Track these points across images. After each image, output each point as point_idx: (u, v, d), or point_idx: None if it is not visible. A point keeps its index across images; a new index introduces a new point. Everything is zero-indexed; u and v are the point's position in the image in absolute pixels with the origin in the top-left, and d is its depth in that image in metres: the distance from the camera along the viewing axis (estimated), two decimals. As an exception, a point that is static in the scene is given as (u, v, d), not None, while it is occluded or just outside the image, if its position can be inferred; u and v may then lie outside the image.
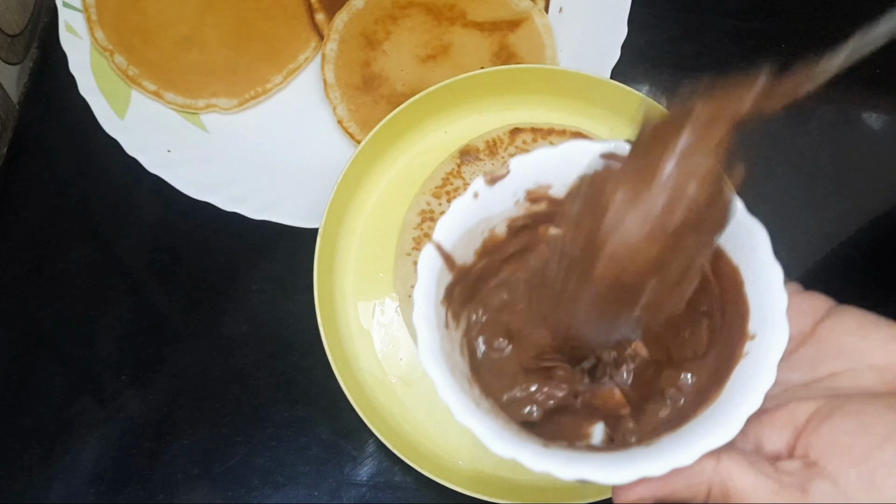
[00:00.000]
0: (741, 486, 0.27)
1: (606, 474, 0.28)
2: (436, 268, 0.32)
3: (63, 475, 0.49)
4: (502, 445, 0.28)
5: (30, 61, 0.61)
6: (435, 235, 0.32)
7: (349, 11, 0.59)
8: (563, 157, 0.33)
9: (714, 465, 0.27)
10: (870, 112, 0.61)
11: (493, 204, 0.33)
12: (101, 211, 0.56)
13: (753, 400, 0.28)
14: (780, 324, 0.29)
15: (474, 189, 0.32)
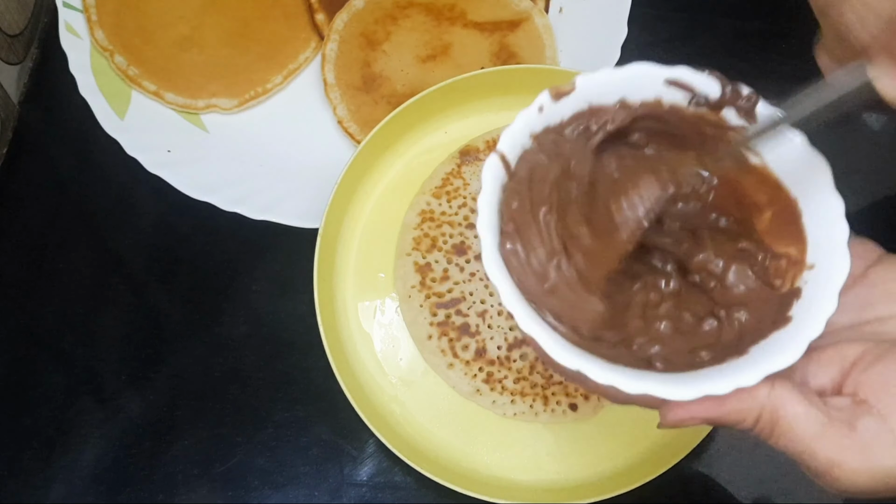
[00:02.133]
0: (792, 414, 0.27)
1: (670, 390, 0.28)
2: (499, 177, 0.32)
3: (63, 475, 0.49)
4: (567, 355, 0.28)
5: (30, 61, 0.61)
6: (499, 145, 0.32)
7: (349, 11, 0.59)
8: (627, 78, 0.33)
9: (768, 390, 0.28)
10: (870, 112, 0.61)
11: (557, 117, 0.33)
12: (101, 211, 0.56)
13: (815, 326, 0.28)
14: (842, 253, 0.29)
15: (540, 102, 0.33)
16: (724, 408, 0.28)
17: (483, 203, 0.31)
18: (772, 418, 0.28)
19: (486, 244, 0.31)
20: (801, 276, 0.31)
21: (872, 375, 0.28)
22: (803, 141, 0.31)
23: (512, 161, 0.32)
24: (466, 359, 0.49)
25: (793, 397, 0.28)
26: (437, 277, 0.50)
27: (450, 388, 0.49)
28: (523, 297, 0.31)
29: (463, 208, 0.52)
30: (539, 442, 0.48)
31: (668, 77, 0.32)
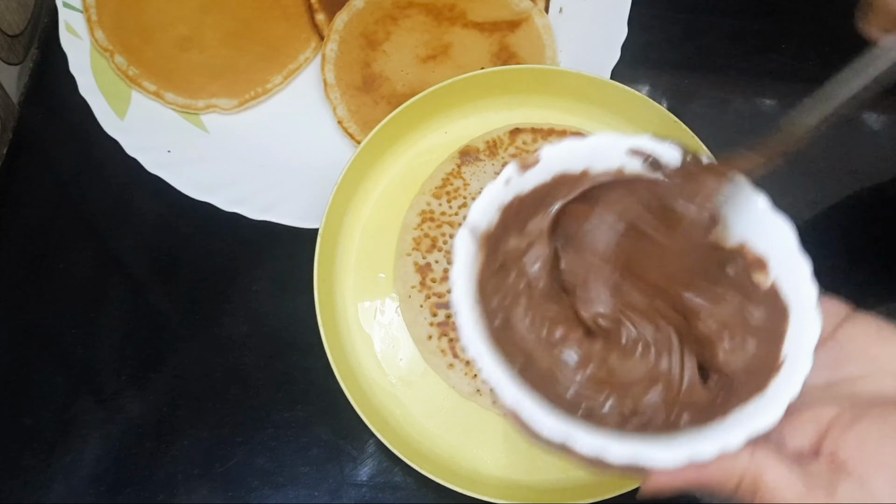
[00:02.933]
0: (773, 480, 0.27)
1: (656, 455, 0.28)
2: (470, 251, 0.32)
3: (63, 475, 0.49)
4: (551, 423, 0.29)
5: (30, 61, 0.61)
6: (469, 218, 0.33)
7: (349, 12, 0.59)
8: (592, 148, 0.34)
9: (749, 454, 0.28)
10: (870, 112, 0.61)
11: (523, 188, 0.34)
12: (101, 211, 0.56)
13: (793, 387, 0.28)
14: (813, 314, 0.29)
15: (506, 176, 0.33)
16: (706, 473, 0.28)
17: (456, 276, 0.32)
18: (753, 483, 0.28)
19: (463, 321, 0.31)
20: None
21: (849, 438, 0.28)
22: (766, 205, 0.32)
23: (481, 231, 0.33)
24: (466, 359, 0.49)
25: (774, 463, 0.28)
26: (437, 278, 0.50)
27: (450, 388, 0.49)
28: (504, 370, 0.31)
29: (463, 208, 0.52)
30: (539, 442, 0.48)
31: (631, 146, 0.33)
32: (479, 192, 0.51)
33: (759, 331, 0.32)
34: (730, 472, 0.28)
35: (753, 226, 0.32)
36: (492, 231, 0.33)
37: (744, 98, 0.60)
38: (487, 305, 0.33)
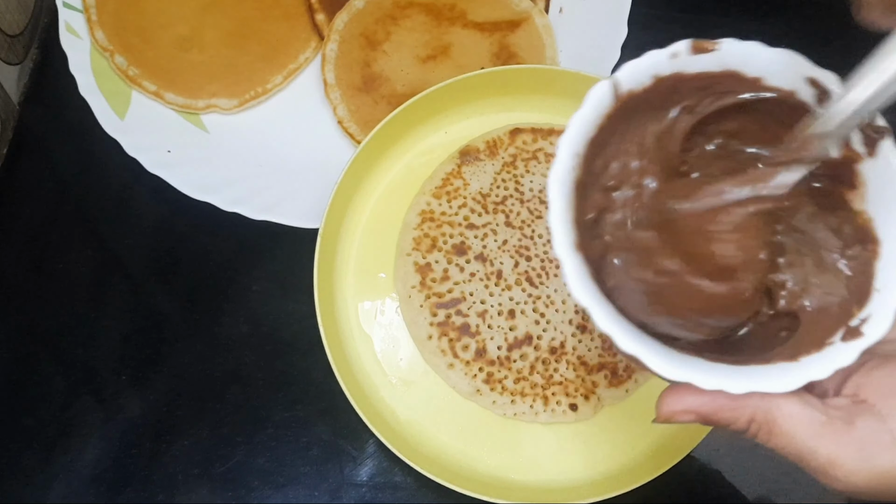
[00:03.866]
0: (788, 414, 0.27)
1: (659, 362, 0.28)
2: (604, 104, 0.31)
3: (63, 475, 0.49)
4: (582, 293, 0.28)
5: (30, 61, 0.61)
6: (617, 74, 0.31)
7: (349, 12, 0.59)
8: (774, 60, 0.31)
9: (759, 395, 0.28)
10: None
11: (688, 68, 0.32)
12: (101, 211, 0.56)
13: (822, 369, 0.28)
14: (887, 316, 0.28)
15: (674, 49, 0.31)
16: (717, 405, 0.28)
17: (575, 118, 0.30)
18: (766, 419, 0.28)
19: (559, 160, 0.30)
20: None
21: (874, 378, 0.28)
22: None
23: (623, 91, 0.31)
24: (466, 359, 0.49)
25: (787, 396, 0.28)
26: (438, 277, 0.50)
27: (450, 388, 0.49)
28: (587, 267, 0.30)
29: (463, 208, 0.52)
30: (539, 442, 0.48)
31: (812, 75, 0.31)
32: (480, 191, 0.52)
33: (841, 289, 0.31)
34: (739, 406, 0.28)
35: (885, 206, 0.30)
36: (637, 93, 0.31)
37: None
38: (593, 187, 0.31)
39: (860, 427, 0.27)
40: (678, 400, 0.28)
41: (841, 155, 0.29)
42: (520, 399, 0.48)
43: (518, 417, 0.48)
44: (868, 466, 0.27)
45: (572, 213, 0.30)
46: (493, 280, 0.50)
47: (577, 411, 0.48)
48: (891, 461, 0.27)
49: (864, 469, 0.27)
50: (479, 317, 0.50)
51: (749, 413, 0.28)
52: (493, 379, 0.48)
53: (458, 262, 0.51)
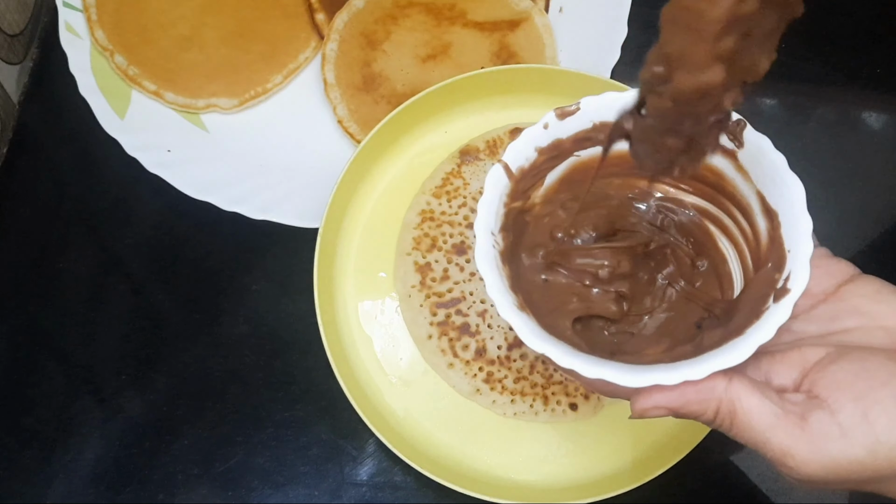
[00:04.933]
0: (748, 406, 0.29)
1: (625, 377, 0.30)
2: (501, 184, 0.35)
3: (63, 475, 0.49)
4: (536, 341, 0.32)
5: (30, 61, 0.61)
6: (504, 156, 0.35)
7: (349, 11, 0.59)
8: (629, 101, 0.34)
9: (725, 384, 0.30)
10: (870, 112, 0.61)
11: (563, 133, 0.36)
12: (101, 211, 0.56)
13: (766, 331, 0.30)
14: (803, 268, 0.31)
15: (545, 120, 0.36)
16: (684, 398, 0.30)
17: (483, 203, 0.34)
18: (729, 410, 0.30)
19: (479, 243, 0.34)
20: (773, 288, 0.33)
21: (827, 374, 0.30)
22: (784, 163, 0.33)
23: (514, 170, 0.35)
24: (466, 358, 0.49)
25: (748, 390, 0.30)
26: (437, 277, 0.50)
27: (450, 388, 0.49)
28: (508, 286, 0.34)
29: (463, 208, 0.52)
30: (539, 442, 0.48)
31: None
32: (480, 191, 0.52)
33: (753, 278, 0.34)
34: (707, 398, 0.30)
35: (770, 181, 0.34)
36: (526, 169, 0.36)
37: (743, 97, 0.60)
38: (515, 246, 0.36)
39: (812, 421, 0.29)
40: (649, 398, 0.31)
41: None
42: (520, 398, 0.48)
43: (518, 417, 0.48)
44: (818, 458, 0.28)
45: (507, 281, 0.34)
46: (493, 280, 0.50)
47: (577, 411, 0.48)
48: (839, 452, 0.28)
49: (814, 460, 0.28)
50: (478, 316, 0.50)
51: (714, 405, 0.30)
52: (493, 378, 0.48)
53: (458, 261, 0.51)
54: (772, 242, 0.33)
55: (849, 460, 0.28)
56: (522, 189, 0.36)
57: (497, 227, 0.35)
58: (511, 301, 0.33)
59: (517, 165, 0.36)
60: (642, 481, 0.45)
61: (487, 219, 0.34)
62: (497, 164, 0.35)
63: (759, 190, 0.34)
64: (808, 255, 0.31)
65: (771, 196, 0.34)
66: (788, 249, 0.32)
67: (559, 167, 0.37)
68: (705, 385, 0.30)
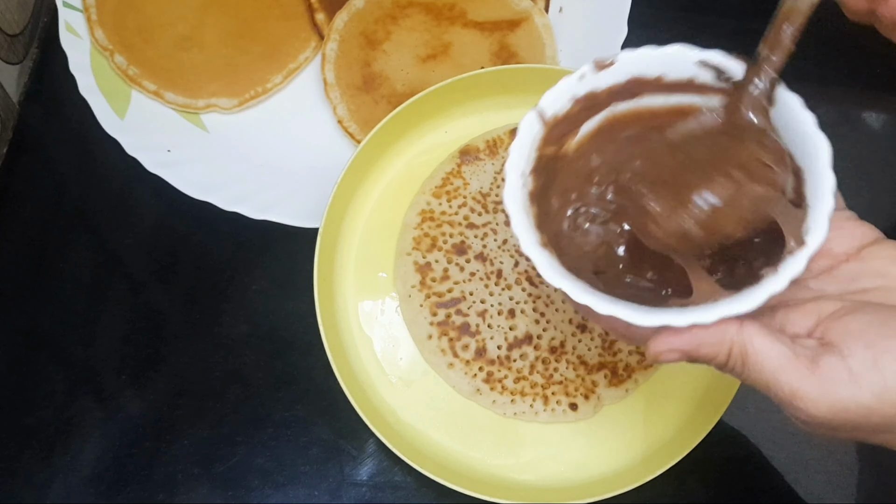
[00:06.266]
0: (759, 346, 0.30)
1: (635, 316, 0.31)
2: (534, 130, 0.35)
3: (63, 475, 0.49)
4: (554, 276, 0.32)
5: (30, 61, 0.61)
6: (538, 104, 0.35)
7: (349, 11, 0.59)
8: (667, 56, 0.36)
9: (737, 328, 0.30)
10: (870, 112, 0.61)
11: (598, 85, 0.36)
12: (101, 211, 0.56)
13: (779, 282, 0.30)
14: (822, 224, 0.31)
15: (582, 72, 0.36)
16: (697, 341, 0.31)
17: (514, 147, 0.35)
18: (741, 352, 0.30)
19: (509, 183, 0.34)
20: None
21: (840, 323, 0.30)
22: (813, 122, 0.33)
23: (547, 117, 0.36)
24: (466, 358, 0.49)
25: (760, 332, 0.30)
26: (437, 277, 0.50)
27: (450, 388, 0.49)
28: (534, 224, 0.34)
29: (463, 208, 0.52)
30: (539, 442, 0.48)
31: (701, 58, 0.35)
32: (480, 191, 0.52)
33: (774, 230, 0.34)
34: (719, 341, 0.30)
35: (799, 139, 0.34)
36: (560, 117, 0.36)
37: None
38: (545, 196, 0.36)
39: (823, 364, 0.29)
40: (663, 341, 0.31)
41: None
42: (520, 398, 0.48)
43: (518, 417, 0.48)
44: (827, 400, 0.29)
45: (532, 220, 0.34)
46: (493, 279, 0.50)
47: (577, 411, 0.48)
48: (847, 395, 0.29)
49: (823, 403, 0.29)
50: (479, 316, 0.50)
51: (727, 348, 0.30)
52: (493, 378, 0.48)
53: (458, 261, 0.51)
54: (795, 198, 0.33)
55: (857, 404, 0.28)
56: (556, 136, 0.36)
57: (528, 169, 0.35)
58: (535, 238, 0.33)
59: (551, 113, 0.36)
60: (642, 481, 0.45)
61: (518, 161, 0.35)
62: (532, 111, 0.35)
63: (786, 148, 0.34)
64: (829, 211, 0.31)
65: (798, 154, 0.34)
66: (809, 205, 0.32)
67: (594, 118, 0.37)
68: (717, 328, 0.30)
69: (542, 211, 0.36)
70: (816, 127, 0.33)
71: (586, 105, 0.36)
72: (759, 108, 0.34)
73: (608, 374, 0.49)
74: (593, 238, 0.37)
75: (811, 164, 0.33)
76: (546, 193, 0.36)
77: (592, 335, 0.49)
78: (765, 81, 0.34)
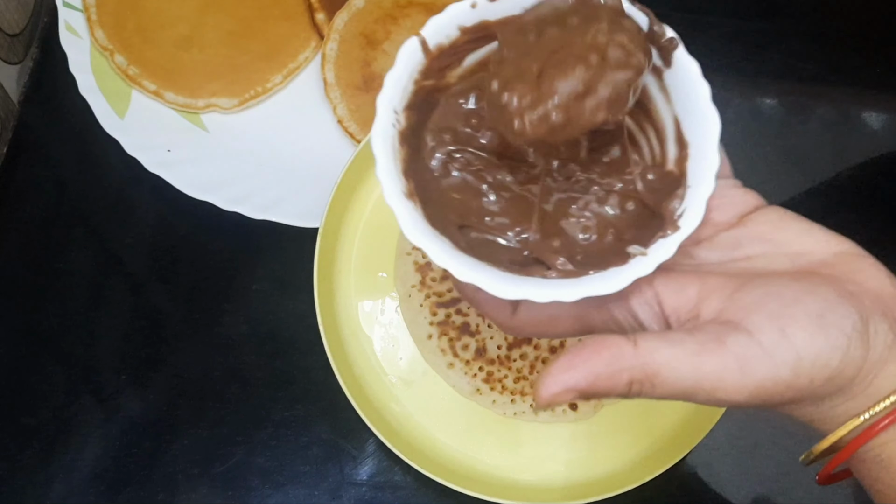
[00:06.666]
0: (664, 359, 0.28)
1: (497, 286, 0.29)
2: (414, 60, 0.32)
3: (63, 475, 0.49)
4: (415, 232, 0.30)
5: (30, 61, 0.61)
6: (422, 30, 0.32)
7: (349, 11, 0.59)
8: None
9: (632, 351, 0.28)
10: (870, 112, 0.61)
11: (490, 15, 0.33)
12: (101, 211, 0.56)
13: (646, 266, 0.29)
14: (699, 208, 0.30)
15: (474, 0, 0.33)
16: (591, 378, 0.28)
17: (390, 78, 0.32)
18: (645, 374, 0.28)
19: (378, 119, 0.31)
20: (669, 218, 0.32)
21: (734, 301, 0.29)
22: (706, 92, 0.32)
23: (431, 46, 0.33)
24: (466, 358, 0.49)
25: (658, 345, 0.28)
26: (437, 277, 0.50)
27: (450, 388, 0.49)
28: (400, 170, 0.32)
29: (463, 208, 0.52)
30: (539, 441, 0.48)
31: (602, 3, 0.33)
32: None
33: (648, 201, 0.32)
34: (618, 372, 0.28)
35: (691, 109, 0.32)
36: (445, 47, 0.33)
37: (743, 97, 0.60)
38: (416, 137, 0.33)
39: (731, 344, 0.27)
40: (554, 382, 0.29)
41: None
42: (520, 398, 0.48)
43: (518, 417, 0.48)
44: (749, 382, 0.27)
45: (400, 165, 0.32)
46: (493, 280, 0.50)
47: (577, 411, 0.48)
48: (765, 374, 0.27)
49: (746, 385, 0.27)
50: (478, 316, 0.50)
51: (626, 376, 0.28)
52: (493, 378, 0.48)
53: (458, 261, 0.51)
54: (677, 172, 0.32)
55: (774, 381, 0.27)
56: (438, 67, 0.34)
57: (402, 104, 0.32)
58: (400, 187, 0.31)
59: (436, 42, 0.33)
60: (642, 481, 0.45)
61: (392, 95, 0.32)
62: (413, 38, 0.32)
63: (676, 116, 0.32)
64: (708, 195, 0.30)
65: (687, 125, 0.32)
66: (689, 185, 0.31)
67: (481, 50, 0.34)
68: (612, 356, 0.28)
69: (413, 152, 0.33)
70: (709, 101, 0.31)
71: (475, 36, 0.34)
72: (654, 69, 0.33)
73: (608, 374, 0.49)
74: (461, 184, 0.34)
75: (699, 141, 0.31)
76: (419, 133, 0.34)
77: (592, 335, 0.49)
78: (666, 40, 0.33)
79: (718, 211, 0.31)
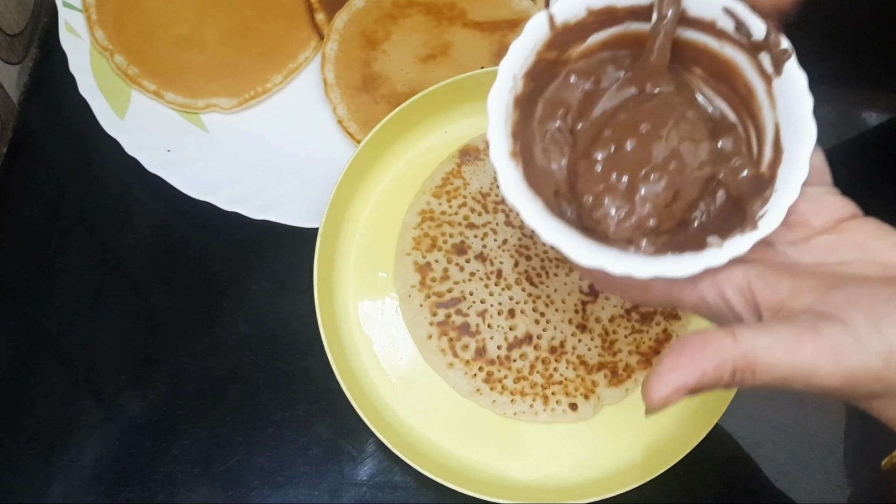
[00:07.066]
0: (762, 347, 0.29)
1: (577, 250, 0.31)
2: (540, 33, 0.34)
3: (63, 475, 0.49)
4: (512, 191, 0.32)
5: (30, 61, 0.61)
6: (552, 6, 0.34)
7: (349, 11, 0.59)
8: None
9: (731, 342, 0.29)
10: (870, 112, 0.61)
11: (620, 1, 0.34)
12: (101, 211, 0.56)
13: (719, 258, 0.31)
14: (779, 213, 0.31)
15: None
16: (699, 371, 0.29)
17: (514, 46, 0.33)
18: (747, 363, 0.29)
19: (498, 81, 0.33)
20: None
21: (829, 298, 0.29)
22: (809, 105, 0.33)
23: (558, 22, 0.34)
24: (466, 358, 0.49)
25: (756, 335, 0.29)
26: (437, 277, 0.50)
27: (450, 388, 0.49)
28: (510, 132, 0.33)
29: (463, 208, 0.52)
30: (539, 442, 0.48)
31: (727, 6, 0.34)
32: (480, 191, 0.52)
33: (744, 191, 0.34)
34: (720, 361, 0.29)
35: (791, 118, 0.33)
36: (571, 25, 0.34)
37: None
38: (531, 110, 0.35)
39: (826, 332, 0.28)
40: (664, 384, 0.29)
41: None
42: (520, 398, 0.48)
43: (518, 417, 0.48)
44: (842, 369, 0.28)
45: (510, 127, 0.33)
46: (492, 279, 0.50)
47: (577, 411, 0.48)
48: (857, 363, 0.28)
49: (839, 372, 0.28)
50: (478, 316, 0.50)
51: (730, 367, 0.29)
52: (493, 378, 0.48)
53: (458, 261, 0.51)
54: (769, 174, 0.33)
55: (867, 370, 0.28)
56: (561, 42, 0.35)
57: (522, 71, 0.34)
58: (507, 147, 0.32)
59: (563, 19, 0.34)
60: (642, 481, 0.45)
61: (514, 61, 0.33)
62: (542, 12, 0.34)
63: (778, 122, 0.34)
64: (791, 201, 0.31)
65: (786, 132, 0.33)
66: (776, 189, 0.32)
67: (605, 31, 0.35)
68: (715, 350, 0.29)
69: (524, 117, 0.35)
70: (811, 114, 0.33)
71: (601, 18, 0.35)
72: (764, 75, 0.34)
73: (608, 374, 0.49)
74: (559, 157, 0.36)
75: (793, 149, 0.33)
76: (534, 99, 0.35)
77: (592, 335, 0.49)
78: (780, 50, 0.34)
79: (815, 214, 0.32)
